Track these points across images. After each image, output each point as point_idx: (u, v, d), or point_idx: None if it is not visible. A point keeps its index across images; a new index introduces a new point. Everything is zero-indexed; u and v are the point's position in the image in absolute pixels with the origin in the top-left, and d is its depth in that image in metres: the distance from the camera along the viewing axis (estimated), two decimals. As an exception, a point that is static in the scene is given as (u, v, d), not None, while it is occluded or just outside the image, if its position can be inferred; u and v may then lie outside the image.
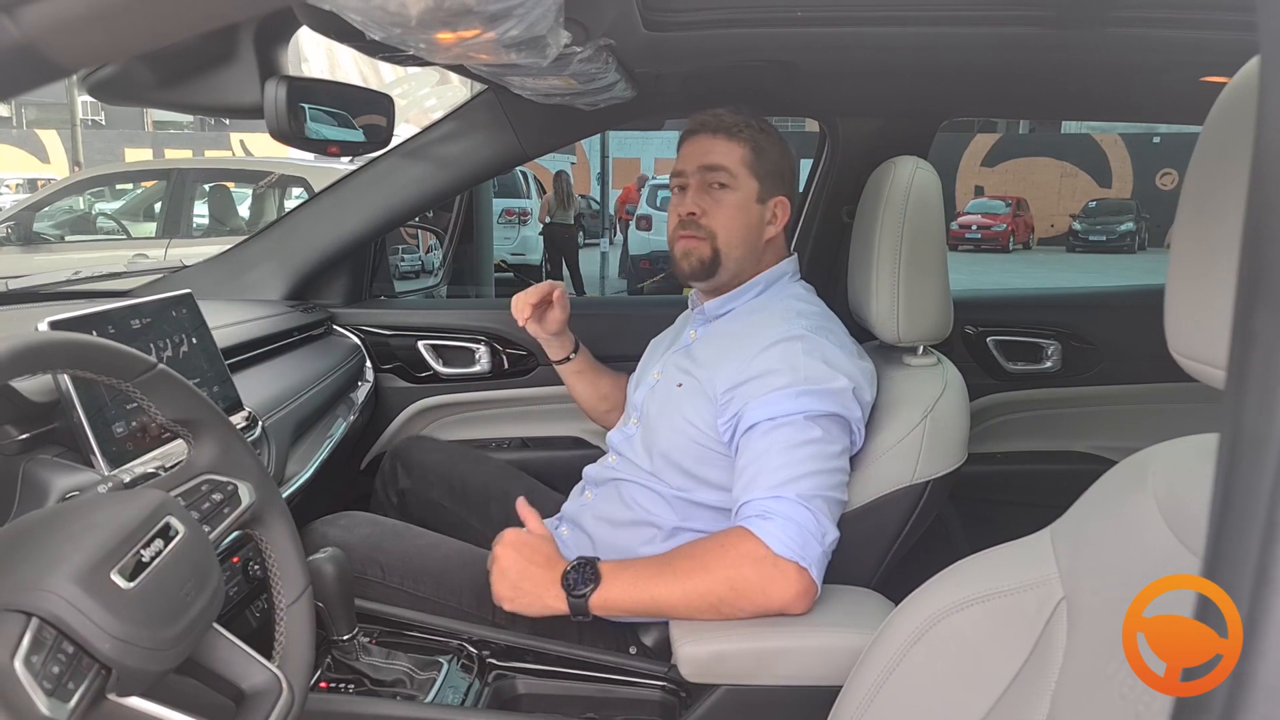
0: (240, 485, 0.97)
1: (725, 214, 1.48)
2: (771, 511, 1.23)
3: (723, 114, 1.51)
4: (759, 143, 1.49)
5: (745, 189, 1.48)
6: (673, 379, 1.50)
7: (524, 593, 1.30)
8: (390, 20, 0.87)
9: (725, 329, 1.51)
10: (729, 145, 1.48)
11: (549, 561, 1.32)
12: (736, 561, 1.22)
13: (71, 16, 0.45)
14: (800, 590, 1.21)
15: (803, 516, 1.22)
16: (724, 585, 1.22)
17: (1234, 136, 0.60)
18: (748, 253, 1.51)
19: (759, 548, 1.21)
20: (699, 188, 1.50)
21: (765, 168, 1.50)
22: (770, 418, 1.29)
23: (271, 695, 0.86)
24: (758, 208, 1.50)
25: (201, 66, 1.28)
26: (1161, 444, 0.77)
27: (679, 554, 1.28)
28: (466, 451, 1.94)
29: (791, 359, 1.33)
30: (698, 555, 1.26)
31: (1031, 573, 0.81)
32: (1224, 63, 1.49)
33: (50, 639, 0.67)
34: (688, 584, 1.23)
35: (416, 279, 4.39)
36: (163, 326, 1.30)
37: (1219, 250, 0.58)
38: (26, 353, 0.72)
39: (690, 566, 1.24)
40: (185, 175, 6.86)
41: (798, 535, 1.21)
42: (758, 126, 1.51)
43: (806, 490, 1.24)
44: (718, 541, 1.25)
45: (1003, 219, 20.90)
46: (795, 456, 1.26)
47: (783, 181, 1.53)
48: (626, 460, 1.53)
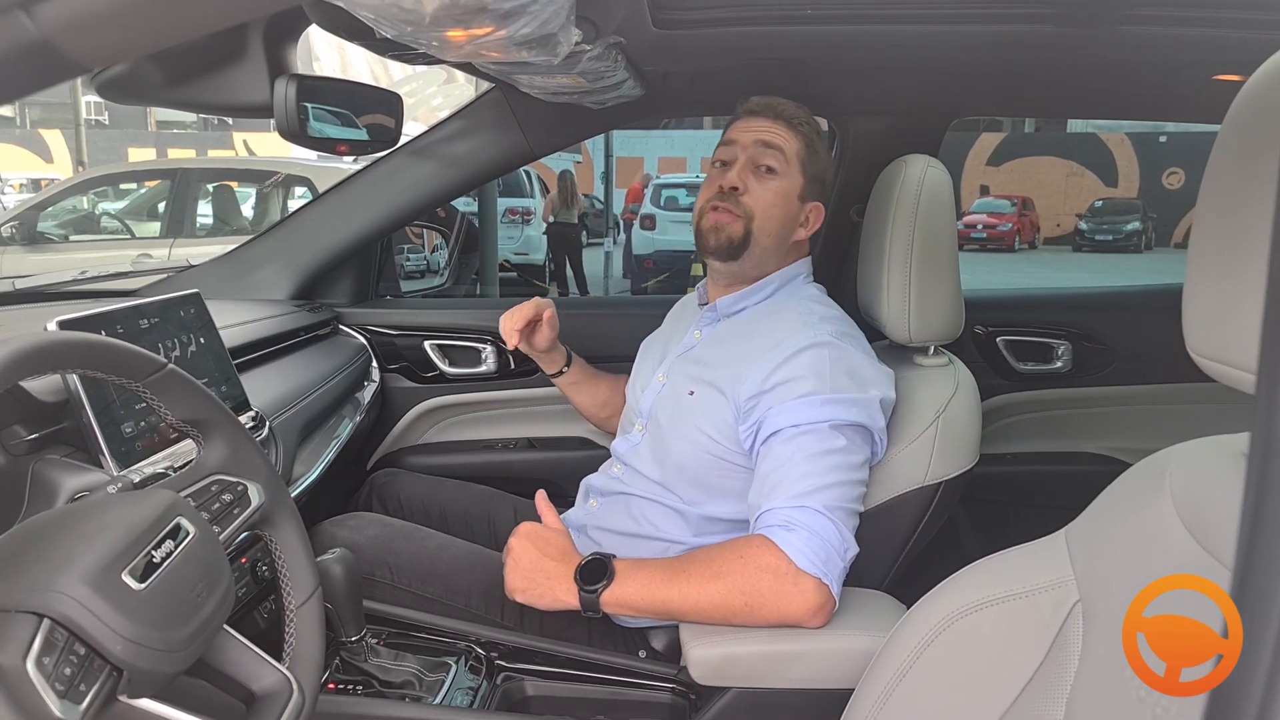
0: (250, 486, 0.97)
1: (768, 198, 1.45)
2: (795, 522, 1.19)
3: (786, 104, 1.48)
4: (814, 142, 1.48)
5: (792, 181, 1.46)
6: (682, 385, 1.45)
7: (536, 584, 1.27)
8: (403, 18, 0.87)
9: (737, 330, 1.47)
10: (789, 133, 1.46)
11: (563, 555, 1.29)
12: (755, 573, 1.18)
13: (89, 14, 0.45)
14: (818, 605, 1.17)
15: (826, 529, 1.19)
16: (739, 597, 1.18)
17: (1255, 135, 0.60)
18: (777, 245, 1.47)
19: (780, 560, 1.17)
20: (747, 165, 1.46)
21: (814, 168, 1.48)
22: (795, 424, 1.26)
23: (282, 697, 0.86)
24: (797, 204, 1.47)
25: (210, 65, 1.28)
26: (1178, 445, 0.76)
27: (695, 559, 1.25)
28: (443, 481, 1.89)
29: (819, 366, 1.30)
30: (715, 563, 1.21)
31: (1047, 575, 0.80)
32: (1237, 61, 1.48)
33: (62, 640, 0.67)
34: (702, 591, 1.20)
35: (422, 278, 4.40)
36: (171, 326, 1.30)
37: (1241, 250, 0.58)
38: (37, 353, 0.72)
39: (706, 574, 1.21)
40: (189, 175, 6.88)
41: (821, 549, 1.18)
42: (814, 126, 1.50)
43: (831, 501, 1.21)
44: (736, 551, 1.21)
45: (1008, 218, 20.85)
46: (819, 465, 1.23)
47: (823, 188, 1.52)
48: (633, 471, 1.49)
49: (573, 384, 1.81)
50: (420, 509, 1.78)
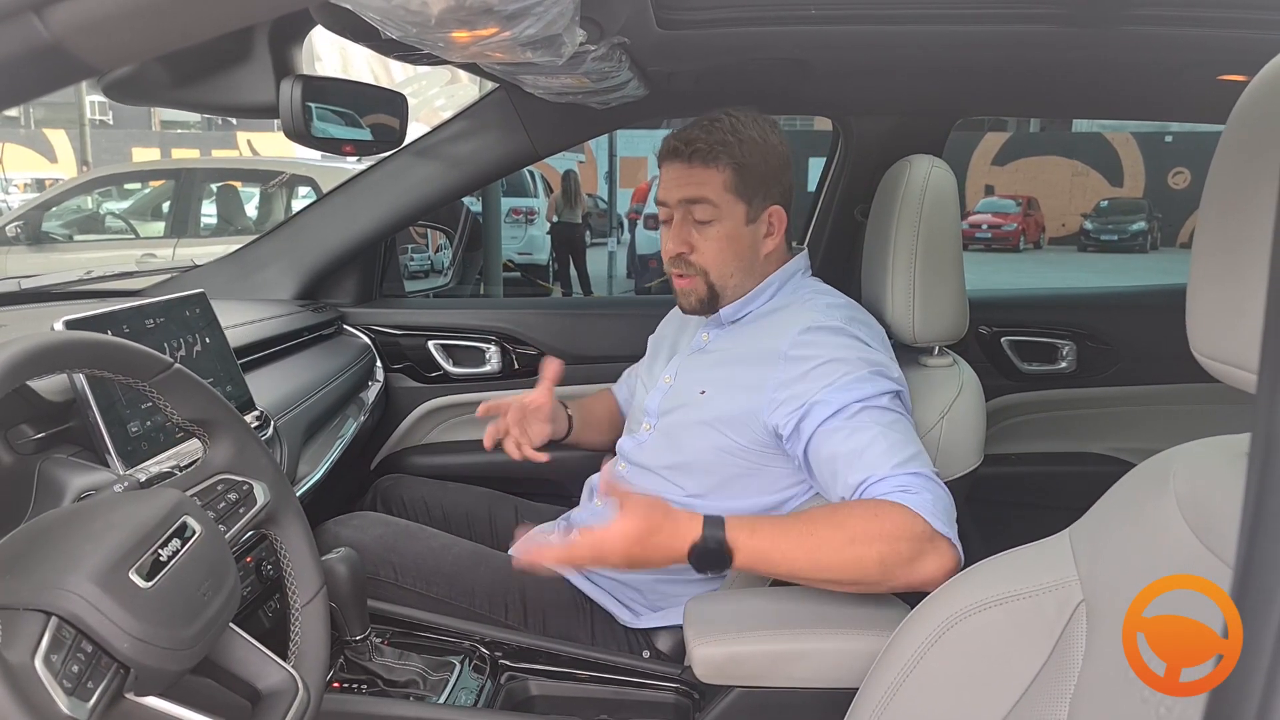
0: (255, 485, 0.97)
1: (713, 248, 1.40)
2: (912, 486, 1.15)
3: (697, 135, 1.38)
4: (740, 160, 1.38)
5: (731, 216, 1.39)
6: (692, 385, 1.44)
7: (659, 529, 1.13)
8: (409, 19, 0.87)
9: (748, 329, 1.45)
10: (707, 173, 1.37)
11: (668, 509, 1.17)
12: (892, 536, 1.12)
13: (100, 17, 0.45)
14: (953, 565, 1.13)
15: (939, 491, 1.16)
16: (874, 559, 1.12)
17: (1259, 135, 0.60)
18: (746, 275, 1.44)
19: (917, 522, 1.12)
20: (683, 221, 1.41)
21: (751, 184, 1.39)
22: (855, 400, 1.23)
23: (288, 695, 0.87)
24: (748, 230, 1.41)
25: (215, 66, 1.28)
26: (1182, 445, 0.76)
27: (819, 520, 1.16)
28: (445, 485, 1.87)
29: (847, 346, 1.30)
30: (847, 525, 1.14)
31: (1051, 575, 0.80)
32: (1242, 61, 1.48)
33: (70, 638, 0.67)
34: (834, 553, 1.13)
35: (426, 278, 4.40)
36: (176, 326, 1.31)
37: (1245, 251, 0.58)
38: (44, 353, 0.73)
39: (839, 537, 1.13)
40: (193, 175, 6.89)
41: (946, 510, 1.15)
42: (736, 141, 1.37)
43: (925, 467, 1.19)
44: (870, 511, 1.14)
45: (1013, 218, 20.81)
46: (900, 435, 1.21)
47: (775, 187, 1.42)
48: (638, 468, 1.49)
49: (578, 432, 1.71)
50: (422, 510, 1.79)
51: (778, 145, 1.42)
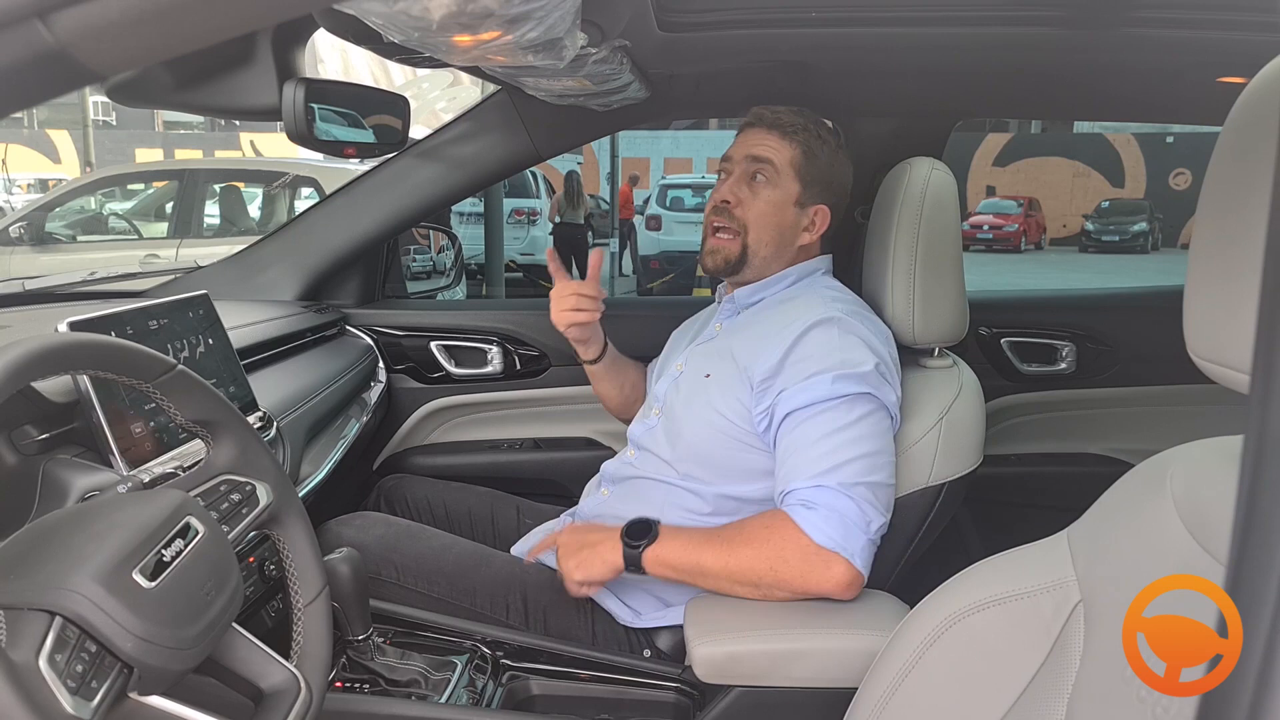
0: (258, 486, 0.97)
1: (759, 208, 1.48)
2: (814, 501, 1.24)
3: (783, 112, 1.50)
4: (811, 147, 1.48)
5: (786, 189, 1.48)
6: (699, 370, 1.48)
7: (585, 554, 1.34)
8: (412, 24, 0.88)
9: (755, 318, 1.49)
10: (780, 143, 1.48)
11: (605, 530, 1.37)
12: (780, 546, 1.24)
13: (105, 23, 0.45)
14: (843, 580, 1.22)
15: (845, 506, 1.23)
16: (765, 566, 1.24)
17: (1255, 137, 0.60)
18: (776, 254, 1.50)
19: (800, 536, 1.22)
20: (740, 177, 1.50)
21: (813, 173, 1.49)
22: (809, 403, 1.29)
23: (290, 695, 0.87)
24: (795, 211, 1.49)
25: (219, 69, 1.29)
26: (1180, 446, 0.76)
27: (730, 528, 1.31)
28: (447, 484, 1.88)
29: (826, 343, 1.33)
30: (746, 532, 1.28)
31: (1048, 575, 0.81)
32: (1241, 63, 1.48)
33: (73, 638, 0.68)
34: (733, 557, 1.26)
35: (428, 279, 4.40)
36: (179, 327, 1.31)
37: (1241, 252, 0.58)
38: (48, 354, 0.73)
39: (738, 540, 1.27)
40: (196, 176, 6.89)
41: (840, 526, 1.22)
42: (815, 131, 1.50)
43: (848, 478, 1.24)
44: (763, 523, 1.28)
45: (1014, 219, 20.78)
46: (835, 443, 1.26)
47: (829, 191, 1.52)
48: (646, 453, 1.52)
49: (605, 369, 1.75)
50: (425, 510, 1.80)
51: (845, 162, 1.56)
